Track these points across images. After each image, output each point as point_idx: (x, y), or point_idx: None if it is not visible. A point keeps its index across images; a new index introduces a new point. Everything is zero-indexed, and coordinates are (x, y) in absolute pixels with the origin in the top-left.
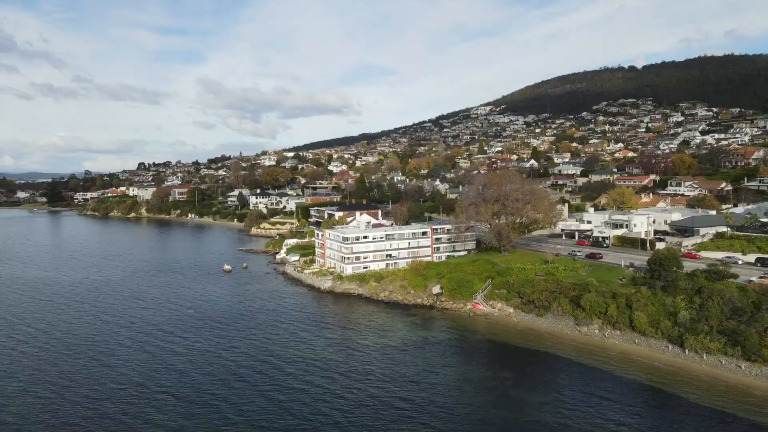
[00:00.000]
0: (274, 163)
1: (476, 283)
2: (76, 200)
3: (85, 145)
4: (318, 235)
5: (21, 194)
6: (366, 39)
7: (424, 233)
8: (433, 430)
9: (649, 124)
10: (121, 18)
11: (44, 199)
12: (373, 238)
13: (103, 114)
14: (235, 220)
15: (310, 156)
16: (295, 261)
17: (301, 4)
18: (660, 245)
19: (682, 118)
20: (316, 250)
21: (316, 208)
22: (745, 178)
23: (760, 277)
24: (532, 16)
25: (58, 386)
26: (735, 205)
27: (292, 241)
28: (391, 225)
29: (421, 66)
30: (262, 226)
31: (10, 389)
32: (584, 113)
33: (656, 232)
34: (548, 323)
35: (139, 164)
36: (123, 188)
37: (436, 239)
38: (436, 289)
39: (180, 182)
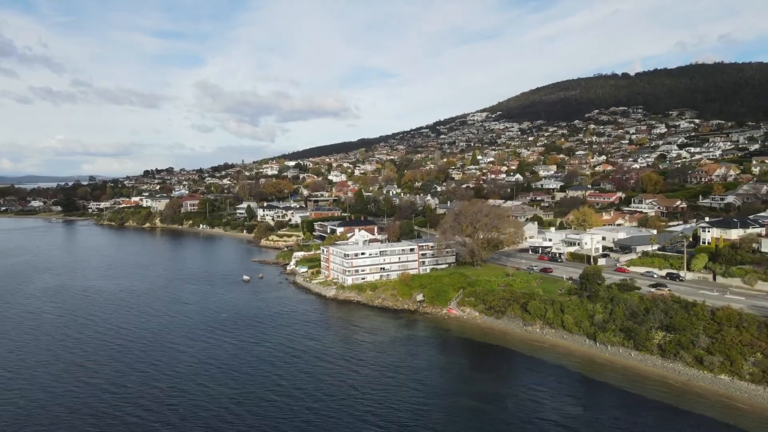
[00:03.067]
0: (276, 172)
1: (451, 292)
2: (90, 210)
3: (83, 148)
4: (323, 250)
5: (35, 203)
6: (364, 42)
7: (411, 250)
8: (412, 391)
9: (634, 136)
10: (120, 21)
11: (59, 208)
12: (370, 254)
13: (101, 117)
14: (244, 231)
15: (311, 165)
16: (303, 272)
17: (299, 7)
18: (601, 261)
19: (665, 130)
20: (322, 263)
21: (319, 222)
22: (700, 196)
23: (657, 289)
24: (529, 19)
25: (151, 365)
26: (685, 222)
27: (300, 254)
28: (386, 239)
29: (419, 69)
30: (270, 238)
31: (124, 369)
32: (576, 121)
33: (605, 248)
34: (503, 324)
35: (145, 171)
36: (136, 199)
37: (422, 255)
38: (420, 297)
39: (187, 191)
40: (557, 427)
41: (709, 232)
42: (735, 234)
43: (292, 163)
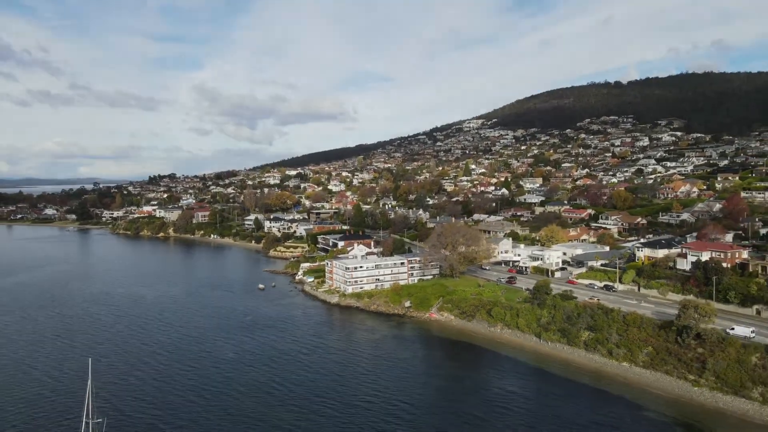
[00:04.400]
0: (278, 181)
1: (433, 300)
2: (104, 218)
3: (81, 150)
4: (327, 263)
5: (48, 211)
6: (361, 45)
7: (402, 263)
8: (398, 373)
9: (618, 149)
10: (119, 24)
11: (73, 216)
12: (367, 268)
13: (99, 120)
14: (253, 241)
15: (311, 174)
16: (310, 282)
17: (296, 12)
18: (558, 274)
19: (648, 143)
20: (326, 274)
21: (322, 236)
22: (660, 213)
23: (589, 299)
24: (524, 24)
25: (206, 353)
26: (642, 238)
27: (306, 265)
28: (380, 252)
29: (417, 73)
30: (278, 249)
31: (188, 356)
32: (568, 130)
33: (564, 262)
34: (473, 326)
35: (150, 178)
36: (149, 209)
37: (410, 268)
38: (407, 304)
39: (193, 200)
40: (499, 397)
41: (641, 251)
42: (661, 253)
43: (293, 173)
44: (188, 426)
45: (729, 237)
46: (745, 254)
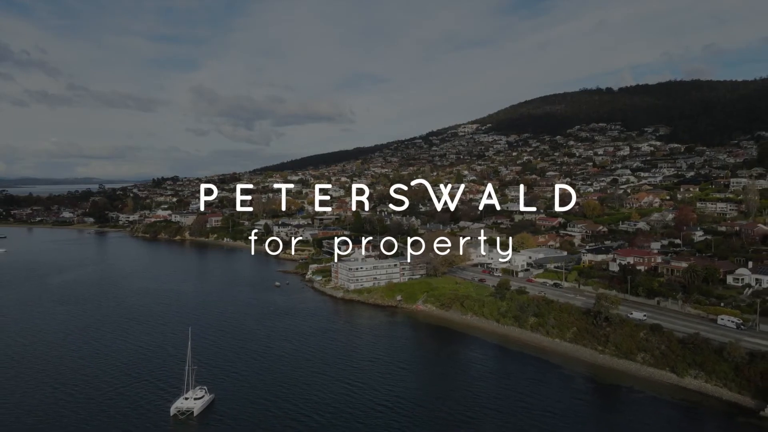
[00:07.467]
0: (281, 186)
1: (419, 294)
2: (121, 222)
3: (78, 150)
4: (333, 264)
5: (66, 214)
6: (359, 47)
7: (395, 265)
8: (391, 347)
9: (600, 158)
10: (116, 25)
11: (91, 219)
12: (366, 268)
13: (97, 120)
14: (263, 244)
15: (312, 179)
16: (318, 280)
17: (294, 13)
18: (521, 274)
19: (629, 152)
20: (332, 273)
21: (326, 240)
22: (620, 222)
23: (538, 293)
24: (521, 27)
25: (246, 333)
26: (600, 245)
27: (314, 266)
28: (378, 255)
29: (414, 75)
30: (286, 251)
31: (233, 338)
32: (558, 137)
33: (528, 264)
34: (449, 314)
35: (154, 180)
36: (164, 213)
37: (402, 269)
38: (399, 298)
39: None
40: (465, 361)
41: (586, 256)
42: (600, 258)
43: (295, 178)
44: (247, 371)
45: (656, 245)
46: (659, 259)
